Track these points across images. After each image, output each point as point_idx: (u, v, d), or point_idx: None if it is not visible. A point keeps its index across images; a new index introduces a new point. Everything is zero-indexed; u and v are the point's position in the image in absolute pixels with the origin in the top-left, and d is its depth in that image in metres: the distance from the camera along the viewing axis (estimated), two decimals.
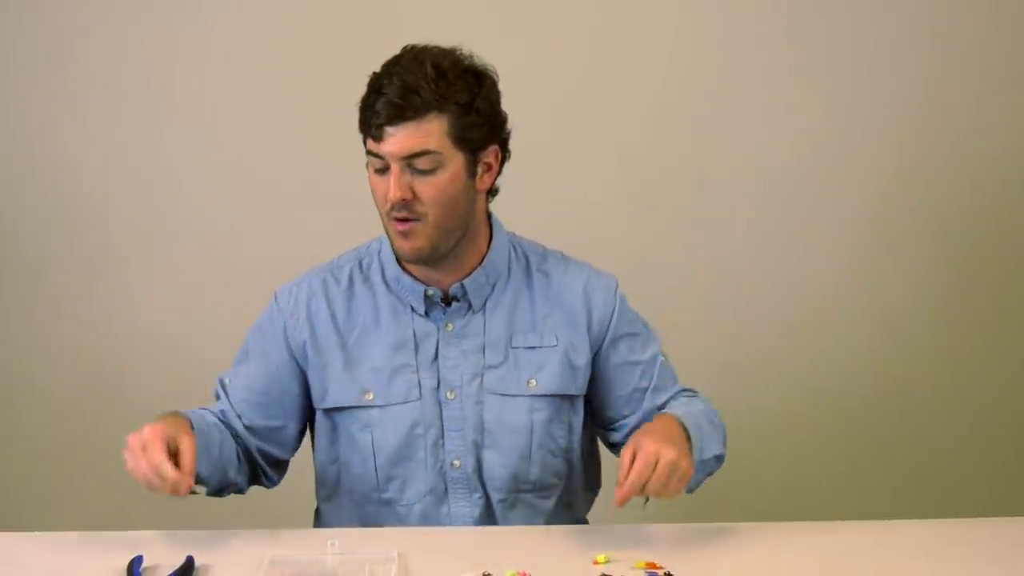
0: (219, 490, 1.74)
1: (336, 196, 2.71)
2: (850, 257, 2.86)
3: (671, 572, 1.51)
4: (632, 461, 1.54)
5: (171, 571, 1.47)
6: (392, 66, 1.64)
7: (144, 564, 1.49)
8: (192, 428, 1.63)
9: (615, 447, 1.83)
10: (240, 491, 1.78)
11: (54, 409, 2.82)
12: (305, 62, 2.74)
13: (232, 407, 1.78)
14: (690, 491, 1.70)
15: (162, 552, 1.53)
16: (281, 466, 1.83)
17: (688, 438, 1.65)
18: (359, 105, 1.67)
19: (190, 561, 1.50)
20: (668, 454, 1.55)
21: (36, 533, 1.65)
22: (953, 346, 2.89)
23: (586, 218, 2.70)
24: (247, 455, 1.78)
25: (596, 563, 1.54)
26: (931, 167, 2.83)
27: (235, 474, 1.75)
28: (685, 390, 1.86)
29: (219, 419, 1.77)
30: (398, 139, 1.61)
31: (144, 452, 1.52)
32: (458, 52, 1.67)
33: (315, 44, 2.74)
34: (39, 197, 2.78)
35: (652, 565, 1.53)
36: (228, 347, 2.42)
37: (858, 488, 2.87)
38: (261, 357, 1.80)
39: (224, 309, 2.77)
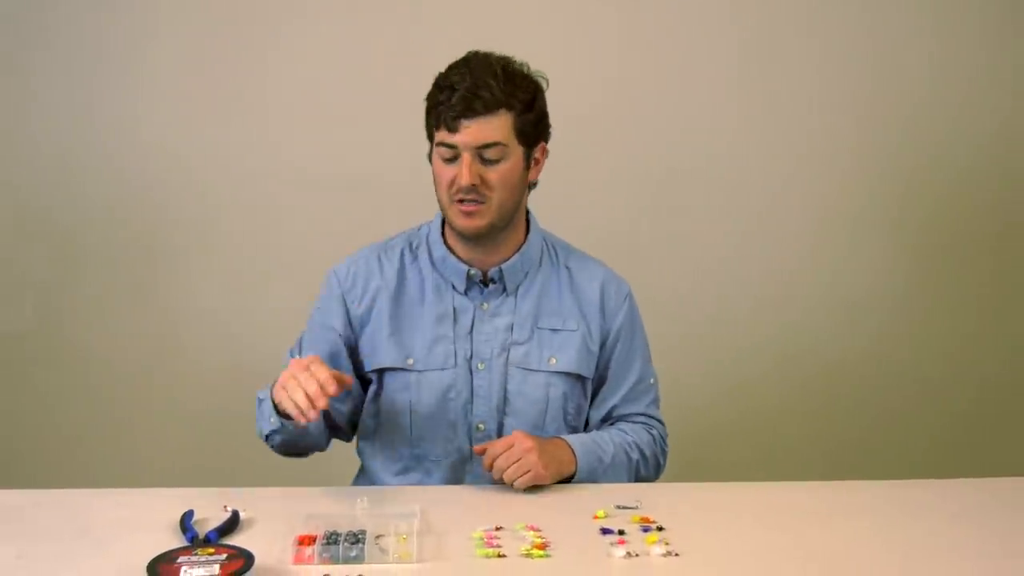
0: (303, 449, 1.77)
1: (370, 193, 2.72)
2: (815, 245, 2.87)
3: (663, 526, 1.52)
4: (503, 449, 1.64)
5: (219, 523, 1.48)
6: (461, 67, 1.67)
7: (195, 517, 1.51)
8: None
9: None
10: (321, 449, 1.81)
11: (120, 382, 2.85)
12: (349, 68, 2.75)
13: None
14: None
15: (211, 507, 1.54)
16: (352, 422, 1.84)
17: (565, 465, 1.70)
18: (428, 101, 1.69)
19: (236, 515, 1.52)
20: (531, 456, 1.63)
21: (102, 490, 1.67)
22: (905, 324, 2.90)
23: (587, 213, 2.70)
24: (327, 419, 1.79)
25: (596, 518, 1.55)
26: (887, 165, 2.84)
27: (322, 439, 1.79)
28: (648, 418, 1.87)
29: None
30: (471, 131, 1.64)
31: (307, 369, 1.54)
32: (515, 60, 1.71)
33: (354, 51, 2.76)
34: (110, 197, 2.80)
35: (646, 519, 1.54)
36: (271, 328, 2.44)
37: (825, 449, 2.88)
38: (326, 329, 1.80)
39: (268, 295, 2.80)
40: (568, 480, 1.70)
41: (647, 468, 1.83)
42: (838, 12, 2.77)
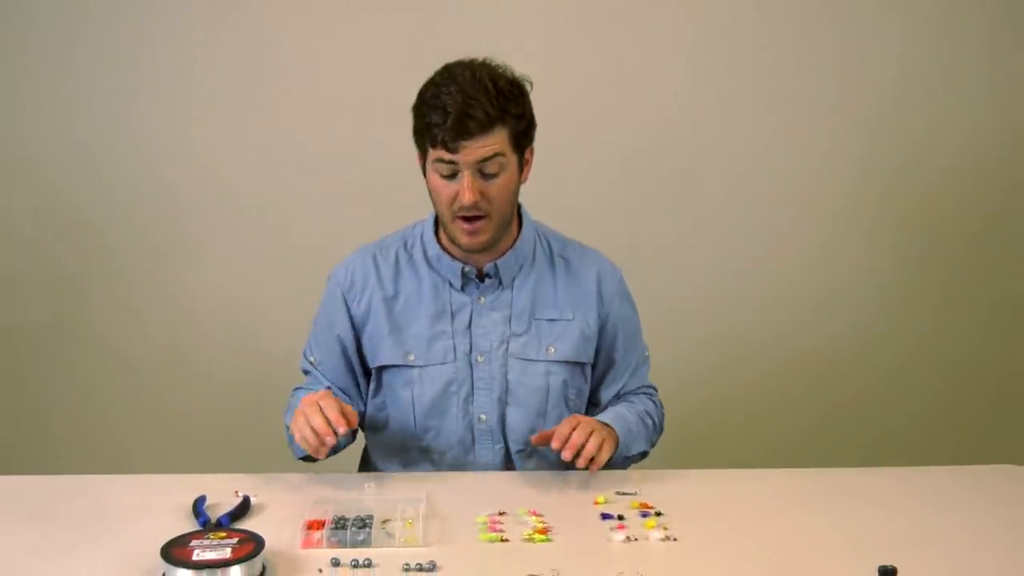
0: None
1: (378, 190, 2.74)
2: (814, 244, 2.89)
3: (661, 511, 1.53)
4: (570, 429, 1.62)
5: (230, 508, 1.50)
6: (449, 84, 1.63)
7: (207, 503, 1.53)
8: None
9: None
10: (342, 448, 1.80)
11: (136, 372, 2.87)
12: (357, 68, 2.76)
13: (333, 382, 1.82)
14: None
15: (223, 493, 1.56)
16: (362, 417, 1.87)
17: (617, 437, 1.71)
18: (417, 119, 1.67)
19: (247, 500, 1.54)
20: (600, 429, 1.64)
21: (118, 476, 1.69)
22: (889, 318, 2.91)
23: (586, 208, 2.70)
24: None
25: (596, 503, 1.57)
26: (883, 169, 2.85)
27: (347, 438, 1.77)
28: (647, 387, 1.90)
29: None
30: (472, 149, 1.62)
31: (318, 407, 1.56)
32: (498, 66, 1.68)
33: (360, 54, 2.76)
34: (127, 195, 2.82)
35: (645, 505, 1.56)
36: (282, 321, 2.46)
37: (818, 438, 2.90)
38: (331, 329, 1.82)
39: (278, 287, 2.82)
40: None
41: (657, 432, 1.87)
42: (824, 17, 2.77)
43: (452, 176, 1.65)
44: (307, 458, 1.75)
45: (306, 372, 1.86)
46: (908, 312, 2.90)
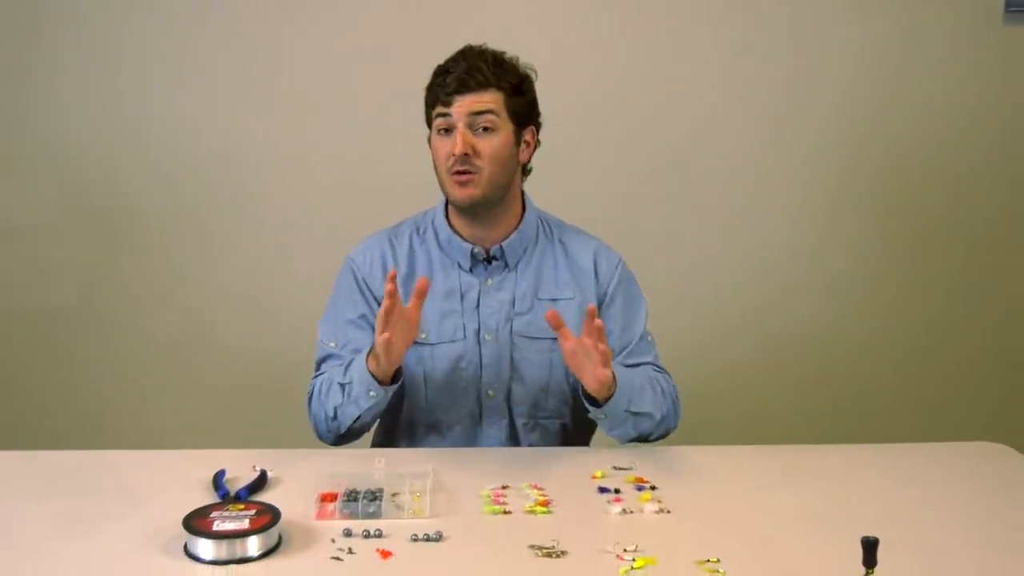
0: (359, 430, 1.77)
1: (383, 183, 2.75)
2: (798, 230, 2.89)
3: (655, 485, 1.55)
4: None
5: (248, 482, 1.53)
6: (457, 57, 1.74)
7: (226, 476, 1.55)
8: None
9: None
10: (368, 429, 1.81)
11: (156, 354, 2.89)
12: (366, 67, 2.76)
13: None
14: (631, 440, 1.75)
15: (241, 466, 1.58)
16: None
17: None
18: (428, 86, 1.76)
19: (264, 474, 1.56)
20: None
21: (142, 451, 1.72)
22: (878, 303, 2.92)
23: (584, 201, 2.70)
24: None
25: (594, 478, 1.59)
26: (864, 160, 2.84)
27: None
28: (655, 366, 1.84)
29: None
30: (466, 102, 1.70)
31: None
32: (506, 53, 1.77)
33: (371, 51, 2.76)
34: (146, 183, 2.83)
35: (640, 479, 1.58)
36: (295, 306, 2.47)
37: (804, 416, 2.91)
38: (354, 309, 1.83)
39: (294, 273, 2.83)
40: (607, 399, 1.65)
41: (669, 401, 1.78)
42: (816, 15, 2.77)
43: (448, 132, 1.72)
44: (338, 442, 1.77)
45: (323, 360, 1.82)
46: (887, 298, 2.91)
